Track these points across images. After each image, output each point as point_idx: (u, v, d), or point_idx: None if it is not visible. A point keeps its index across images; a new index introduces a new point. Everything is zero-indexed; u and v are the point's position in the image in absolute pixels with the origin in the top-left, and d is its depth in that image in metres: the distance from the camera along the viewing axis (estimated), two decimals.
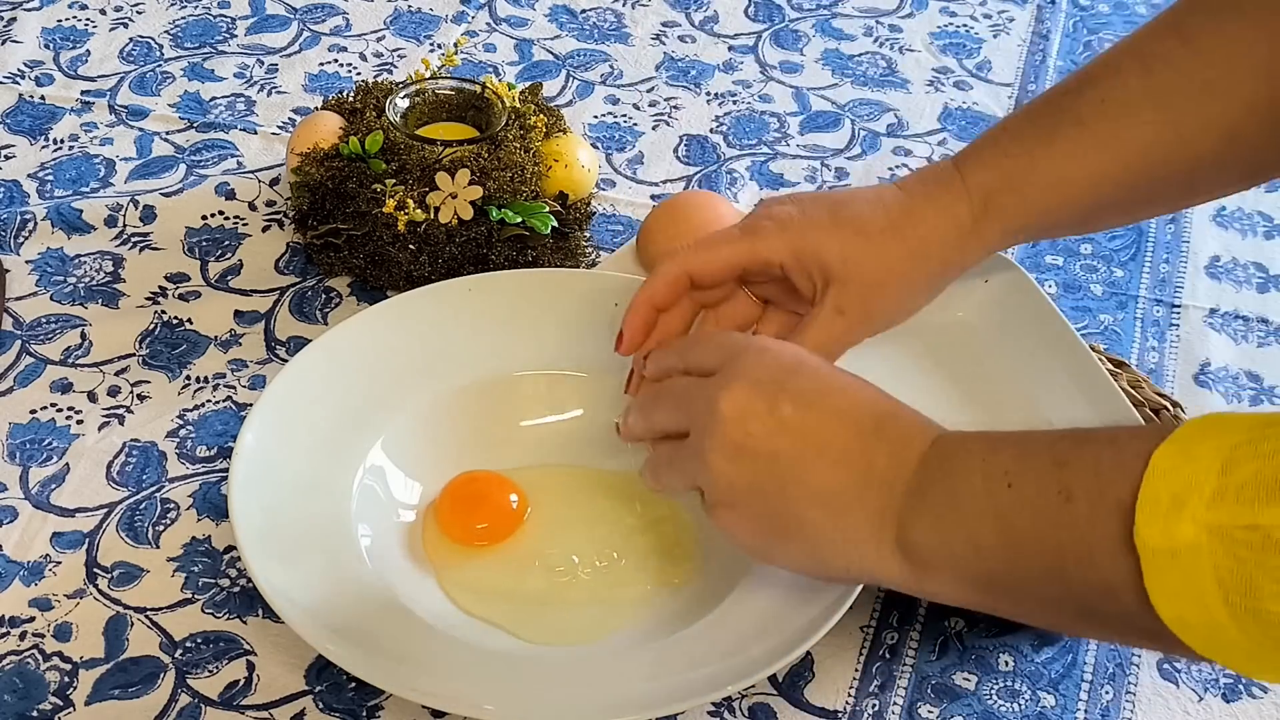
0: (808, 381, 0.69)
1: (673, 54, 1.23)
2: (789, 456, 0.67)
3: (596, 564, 0.82)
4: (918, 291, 0.80)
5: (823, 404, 0.68)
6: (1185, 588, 0.55)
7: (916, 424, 0.68)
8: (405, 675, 0.72)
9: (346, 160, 0.97)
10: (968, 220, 0.78)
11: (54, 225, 1.02)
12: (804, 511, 0.67)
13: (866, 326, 0.79)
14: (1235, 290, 1.05)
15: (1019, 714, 0.78)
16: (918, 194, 0.79)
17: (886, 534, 0.66)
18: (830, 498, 0.67)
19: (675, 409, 0.72)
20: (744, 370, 0.69)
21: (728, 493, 0.69)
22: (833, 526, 0.67)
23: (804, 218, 0.78)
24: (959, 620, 0.82)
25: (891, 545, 0.66)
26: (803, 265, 0.78)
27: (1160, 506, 0.55)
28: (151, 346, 0.94)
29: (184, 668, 0.77)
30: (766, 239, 0.78)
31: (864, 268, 0.77)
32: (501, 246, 0.96)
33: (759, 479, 0.68)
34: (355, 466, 0.83)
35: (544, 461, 0.87)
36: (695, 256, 0.79)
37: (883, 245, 0.77)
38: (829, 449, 0.67)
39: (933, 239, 0.78)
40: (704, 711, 0.77)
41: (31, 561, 0.82)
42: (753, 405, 0.68)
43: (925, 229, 0.78)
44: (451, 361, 0.88)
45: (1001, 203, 0.78)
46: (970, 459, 0.64)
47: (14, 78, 1.16)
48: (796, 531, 0.68)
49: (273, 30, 1.23)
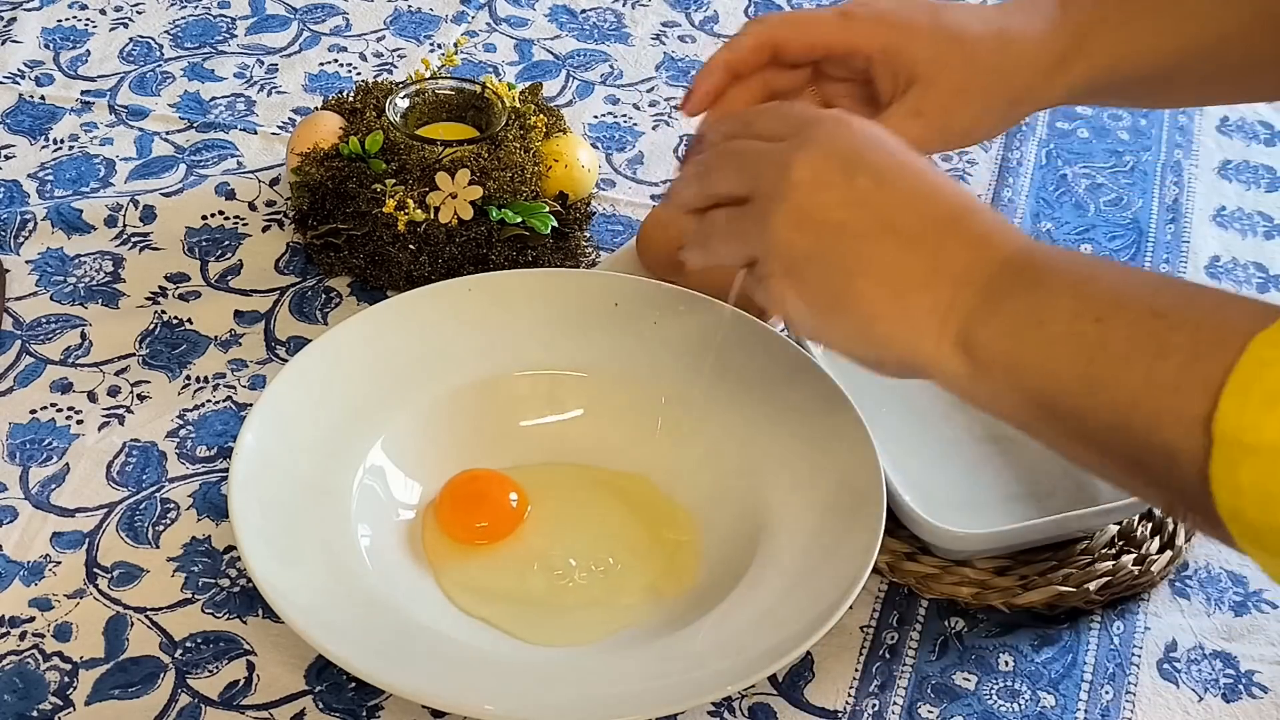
0: (888, 158, 0.66)
1: (673, 54, 1.23)
2: (858, 229, 0.65)
3: (596, 564, 0.82)
4: (996, 113, 0.79)
5: (901, 182, 0.65)
6: (1253, 486, 0.53)
7: (999, 227, 0.65)
8: (405, 675, 0.72)
9: (346, 160, 0.98)
10: (1059, 51, 0.77)
11: (54, 225, 1.02)
12: (865, 288, 0.65)
13: (939, 136, 0.78)
14: (1235, 290, 1.04)
15: (1019, 714, 0.78)
16: (1017, 16, 0.78)
17: (949, 326, 0.63)
18: (895, 277, 0.64)
19: (739, 171, 0.69)
20: (822, 137, 0.67)
21: (786, 261, 0.66)
22: (893, 307, 0.64)
23: (902, 13, 0.77)
24: (959, 620, 0.82)
25: (953, 339, 0.63)
26: (890, 59, 0.76)
27: (1250, 399, 0.53)
28: (151, 346, 0.94)
29: (184, 668, 0.77)
30: (862, 25, 0.77)
31: (952, 73, 0.76)
32: (501, 246, 0.96)
33: (822, 248, 0.65)
34: (355, 466, 0.83)
35: (543, 461, 0.87)
36: (786, 27, 0.77)
37: (974, 56, 0.76)
38: (901, 228, 0.64)
39: (1023, 60, 0.77)
40: (704, 711, 0.77)
41: (31, 561, 0.82)
42: (827, 173, 0.65)
43: (1018, 49, 0.77)
44: (451, 361, 0.88)
45: (1093, 44, 0.77)
46: (1061, 280, 0.62)
47: (14, 78, 1.16)
48: (853, 307, 0.65)
49: (273, 30, 1.23)
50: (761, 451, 0.84)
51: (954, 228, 0.64)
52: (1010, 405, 0.64)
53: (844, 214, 0.65)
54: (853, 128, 0.67)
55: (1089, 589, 0.82)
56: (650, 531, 0.84)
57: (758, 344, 0.88)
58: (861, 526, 0.78)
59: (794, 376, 0.86)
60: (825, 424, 0.84)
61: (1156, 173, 1.14)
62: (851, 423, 0.83)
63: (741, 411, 0.86)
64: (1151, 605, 0.83)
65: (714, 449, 0.85)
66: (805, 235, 0.65)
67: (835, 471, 0.82)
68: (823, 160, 0.66)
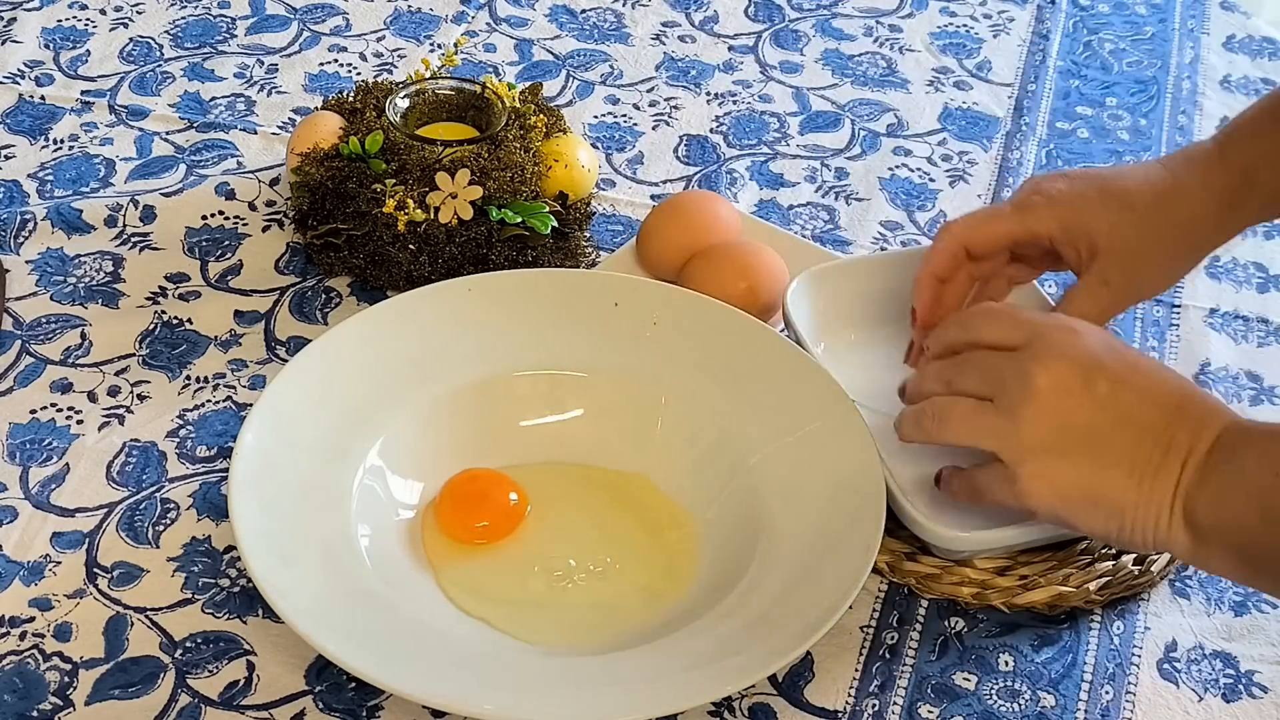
0: (1119, 361, 0.74)
1: (673, 54, 1.23)
2: (1102, 429, 0.72)
3: (596, 564, 0.82)
4: (1178, 263, 0.86)
5: (1134, 382, 0.73)
6: None
7: (1214, 407, 0.73)
8: (405, 675, 0.72)
9: (346, 160, 0.97)
10: (1227, 195, 0.83)
11: (54, 225, 1.02)
12: (1115, 478, 0.72)
13: (1129, 297, 0.86)
14: (1235, 290, 1.05)
15: (1019, 714, 0.78)
16: (1181, 170, 0.84)
17: (1178, 505, 0.71)
18: (1137, 468, 0.72)
19: (981, 378, 0.76)
20: (1057, 348, 0.74)
21: (1039, 461, 0.73)
22: (1138, 494, 0.72)
23: (1073, 192, 0.84)
24: (959, 620, 0.82)
25: (1180, 516, 0.71)
26: (1070, 238, 0.84)
27: None
28: (151, 346, 0.94)
29: (184, 668, 0.77)
30: (1037, 213, 0.84)
31: (1129, 240, 0.83)
32: (501, 246, 0.96)
33: (1072, 447, 0.73)
34: (355, 466, 0.83)
35: (543, 461, 0.87)
36: (971, 231, 0.85)
37: (1147, 218, 0.83)
38: (1137, 423, 0.72)
39: (1196, 213, 0.84)
40: (704, 711, 0.77)
41: (31, 561, 0.82)
42: (1069, 379, 0.73)
43: (1189, 203, 0.83)
44: (451, 361, 0.88)
45: (1260, 178, 0.83)
46: (1252, 444, 0.71)
47: (14, 78, 1.16)
48: (1104, 498, 0.72)
49: (273, 30, 1.23)
50: (761, 452, 0.84)
51: (1179, 414, 0.72)
52: (1227, 567, 0.72)
53: (1089, 416, 0.73)
54: (1079, 334, 0.75)
55: (1089, 589, 0.82)
56: (650, 531, 0.84)
57: (758, 344, 0.88)
58: (861, 526, 0.78)
59: (794, 376, 0.86)
60: (825, 424, 0.84)
61: None
62: (851, 423, 0.83)
63: (741, 411, 0.86)
64: (1151, 605, 0.83)
65: (714, 449, 0.85)
66: (1054, 436, 0.73)
67: (835, 471, 0.82)
68: (1062, 368, 0.74)
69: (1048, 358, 0.74)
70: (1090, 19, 1.31)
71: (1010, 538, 0.82)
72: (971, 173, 1.13)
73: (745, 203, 1.09)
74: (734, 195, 1.09)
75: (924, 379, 0.80)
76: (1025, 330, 0.76)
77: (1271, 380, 0.98)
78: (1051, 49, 1.26)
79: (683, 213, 0.98)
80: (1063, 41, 1.28)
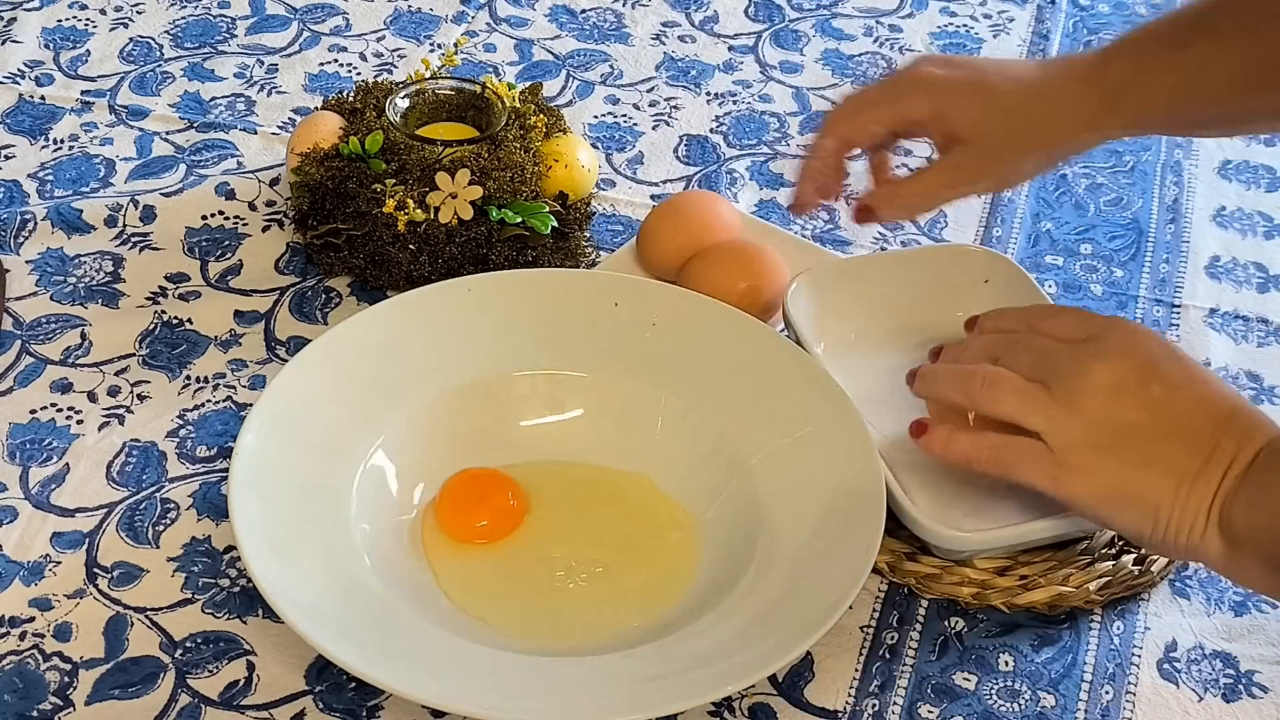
0: (1176, 367, 0.76)
1: (673, 54, 1.23)
2: (1148, 430, 0.74)
3: (596, 564, 0.82)
4: (1030, 165, 0.90)
5: (1188, 389, 0.75)
6: None
7: (1262, 422, 0.74)
8: (405, 675, 0.72)
9: (346, 160, 0.98)
10: (1093, 110, 0.85)
11: (54, 225, 1.02)
12: (1154, 479, 0.73)
13: (977, 185, 0.91)
14: (1235, 290, 1.05)
15: (1019, 714, 0.78)
16: (1057, 78, 0.86)
17: (1215, 512, 0.72)
18: (1179, 471, 0.73)
19: (1034, 360, 0.78)
20: (1119, 347, 0.76)
21: (1080, 451, 0.75)
22: (1175, 497, 0.73)
23: (948, 80, 0.87)
24: (959, 620, 0.82)
25: (1216, 523, 0.72)
26: (938, 123, 0.87)
27: None
28: (151, 346, 0.94)
29: (184, 668, 0.77)
30: (911, 100, 0.87)
31: (991, 134, 0.86)
32: (501, 246, 0.96)
33: (1115, 442, 0.74)
34: (355, 466, 0.83)
35: (543, 461, 0.87)
36: (851, 124, 0.89)
37: (1012, 116, 0.86)
38: (1186, 430, 0.74)
39: (1059, 123, 0.86)
40: (704, 711, 0.77)
41: (31, 561, 0.82)
42: (1126, 378, 0.75)
43: (1054, 111, 0.85)
44: (451, 361, 0.88)
45: (1129, 99, 0.84)
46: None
47: (14, 78, 1.16)
48: (1140, 498, 0.74)
49: (273, 30, 1.23)
50: (761, 451, 0.84)
51: (1227, 425, 0.73)
52: (1259, 575, 0.72)
53: (1139, 416, 0.74)
54: (1140, 337, 0.78)
55: (1089, 589, 0.82)
56: (650, 531, 0.84)
57: (758, 344, 0.88)
58: (861, 526, 0.78)
59: (794, 376, 0.86)
60: (825, 424, 0.84)
61: (1156, 173, 1.14)
62: (851, 423, 0.83)
63: (741, 411, 0.86)
64: (1151, 605, 0.83)
65: (714, 449, 0.85)
66: (1105, 431, 0.74)
67: (835, 471, 0.82)
68: (1121, 366, 0.75)
69: (1108, 354, 0.76)
70: (1090, 19, 1.31)
71: (1010, 537, 0.82)
72: None
73: (745, 203, 1.09)
74: (734, 195, 1.09)
75: (966, 351, 0.82)
76: (1088, 326, 0.78)
77: (1271, 380, 0.98)
78: (1051, 49, 1.26)
79: (683, 213, 0.98)
80: (1063, 41, 1.28)
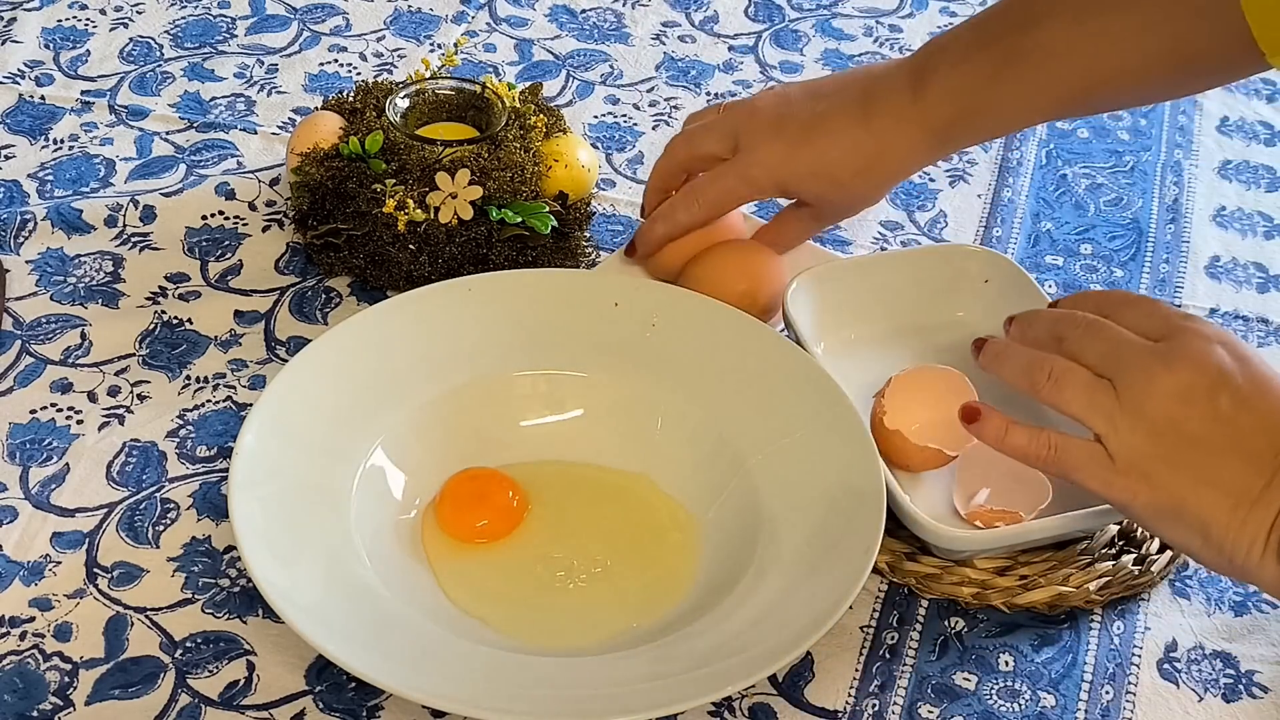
0: (1248, 381, 0.73)
1: (673, 54, 1.23)
2: (1211, 445, 0.72)
3: (596, 564, 0.82)
4: (872, 203, 0.97)
5: (1258, 405, 0.72)
6: None
7: None
8: (405, 675, 0.72)
9: (346, 160, 0.98)
10: (928, 153, 0.92)
11: (54, 225, 1.02)
12: (1210, 496, 0.71)
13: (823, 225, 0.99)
14: (1235, 290, 1.05)
15: (1019, 714, 0.78)
16: (888, 133, 0.90)
17: (1274, 537, 0.70)
18: (1238, 492, 0.71)
19: (1104, 353, 0.75)
20: (1192, 353, 0.73)
21: (1146, 461, 0.73)
22: (1231, 517, 0.71)
23: (785, 164, 0.91)
24: (959, 620, 0.82)
25: (1275, 549, 0.70)
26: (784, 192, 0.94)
27: None
28: (151, 346, 0.94)
29: (184, 668, 0.77)
30: (759, 183, 0.93)
31: (836, 202, 0.95)
32: (501, 246, 0.96)
33: (1176, 454, 0.72)
34: (355, 466, 0.83)
35: (543, 460, 0.87)
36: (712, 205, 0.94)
37: (854, 184, 0.92)
38: (1249, 449, 0.71)
39: (897, 169, 0.93)
40: (704, 711, 0.77)
41: (31, 561, 0.82)
42: (1195, 388, 0.72)
43: (892, 163, 0.92)
44: (451, 361, 0.88)
45: (957, 133, 0.91)
46: None
47: (14, 78, 1.16)
48: (1192, 514, 0.72)
49: (273, 30, 1.23)
50: (761, 451, 0.84)
51: None
52: None
53: (1204, 429, 0.72)
54: (1215, 343, 0.74)
55: (1089, 589, 0.82)
56: (650, 531, 0.84)
57: (758, 344, 0.88)
58: (861, 526, 0.78)
59: (794, 376, 0.86)
60: (825, 424, 0.84)
61: (1156, 173, 1.14)
62: (851, 423, 0.83)
63: (741, 411, 0.86)
64: (1151, 605, 0.83)
65: (714, 449, 0.85)
66: (1163, 439, 0.72)
67: (835, 471, 0.82)
68: (1191, 376, 0.73)
69: (1179, 361, 0.73)
70: None
71: (1010, 538, 0.82)
72: (971, 173, 1.13)
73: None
74: None
75: (1035, 324, 0.80)
76: (1164, 325, 0.75)
77: None
78: None
79: None
80: None
